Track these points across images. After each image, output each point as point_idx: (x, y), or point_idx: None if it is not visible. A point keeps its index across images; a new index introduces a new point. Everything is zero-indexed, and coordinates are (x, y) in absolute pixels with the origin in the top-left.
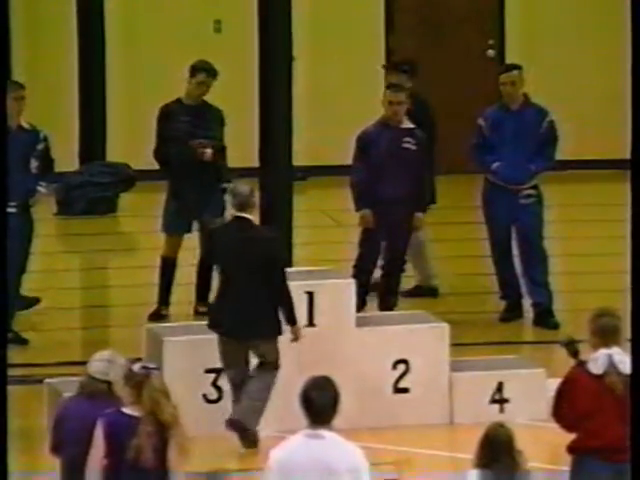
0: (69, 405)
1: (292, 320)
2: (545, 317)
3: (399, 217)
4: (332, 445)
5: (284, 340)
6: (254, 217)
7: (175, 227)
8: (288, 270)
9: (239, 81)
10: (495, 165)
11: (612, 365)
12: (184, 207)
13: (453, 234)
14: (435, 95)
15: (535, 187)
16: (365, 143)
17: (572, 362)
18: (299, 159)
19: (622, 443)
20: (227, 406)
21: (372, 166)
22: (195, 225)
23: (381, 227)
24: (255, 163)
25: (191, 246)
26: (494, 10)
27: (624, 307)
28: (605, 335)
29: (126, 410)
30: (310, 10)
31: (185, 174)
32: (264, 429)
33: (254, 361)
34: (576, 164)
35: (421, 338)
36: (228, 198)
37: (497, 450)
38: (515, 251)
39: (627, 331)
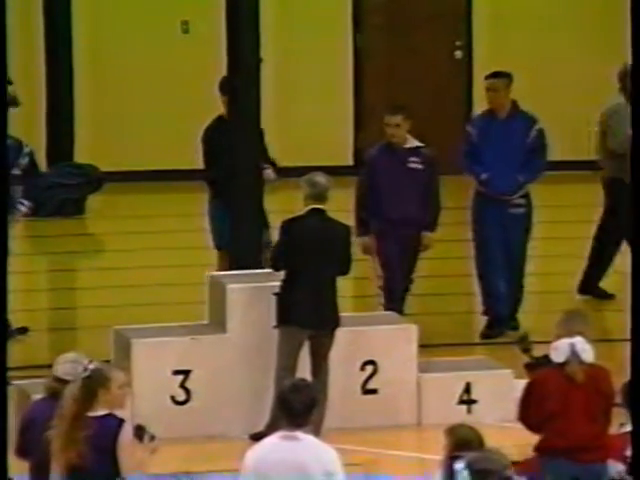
0: (36, 408)
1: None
2: (505, 323)
3: (408, 238)
4: (307, 447)
5: (250, 343)
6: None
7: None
8: (261, 272)
9: (207, 82)
10: (484, 176)
11: (574, 353)
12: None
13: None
14: (403, 95)
15: (525, 196)
16: (369, 166)
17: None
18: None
19: (588, 443)
20: (195, 408)
21: (377, 189)
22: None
23: (392, 248)
24: None
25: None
26: (462, 11)
27: (591, 307)
28: (569, 325)
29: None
30: (278, 11)
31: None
32: (233, 431)
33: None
34: (551, 166)
35: (389, 339)
36: (304, 189)
37: (463, 448)
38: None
39: (626, 331)
